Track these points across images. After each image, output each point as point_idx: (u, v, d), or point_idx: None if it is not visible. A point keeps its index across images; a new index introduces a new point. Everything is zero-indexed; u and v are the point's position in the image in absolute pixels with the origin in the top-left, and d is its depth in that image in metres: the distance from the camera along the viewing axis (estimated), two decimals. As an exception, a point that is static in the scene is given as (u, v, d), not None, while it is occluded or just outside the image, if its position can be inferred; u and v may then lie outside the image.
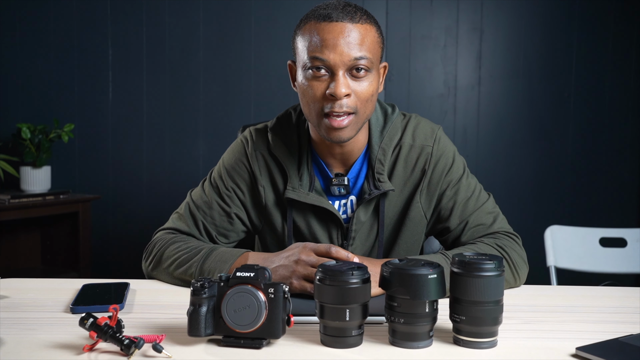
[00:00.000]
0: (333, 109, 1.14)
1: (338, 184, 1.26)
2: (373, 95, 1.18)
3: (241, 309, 0.84)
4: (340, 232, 1.28)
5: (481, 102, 3.09)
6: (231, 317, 0.84)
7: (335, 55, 1.12)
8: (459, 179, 1.29)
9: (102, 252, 3.04)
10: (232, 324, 0.84)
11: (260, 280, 0.84)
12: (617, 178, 3.13)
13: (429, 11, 3.06)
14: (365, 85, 1.15)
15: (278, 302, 0.84)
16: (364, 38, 1.14)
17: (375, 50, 1.16)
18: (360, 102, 1.16)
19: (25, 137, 2.79)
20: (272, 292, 0.84)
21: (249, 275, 0.84)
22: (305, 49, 1.16)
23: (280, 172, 1.29)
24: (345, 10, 1.14)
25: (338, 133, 1.17)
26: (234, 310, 0.84)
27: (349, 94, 1.14)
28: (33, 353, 0.82)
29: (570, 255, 2.11)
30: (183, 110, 3.08)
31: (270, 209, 1.30)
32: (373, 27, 1.17)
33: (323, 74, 1.14)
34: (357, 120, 1.17)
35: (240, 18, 3.06)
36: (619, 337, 0.88)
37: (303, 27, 1.18)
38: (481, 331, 0.85)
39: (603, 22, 3.07)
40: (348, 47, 1.12)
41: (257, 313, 0.83)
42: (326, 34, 1.13)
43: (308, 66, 1.15)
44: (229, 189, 1.30)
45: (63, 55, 3.05)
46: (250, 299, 0.83)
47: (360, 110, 1.17)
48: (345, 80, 1.13)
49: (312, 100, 1.16)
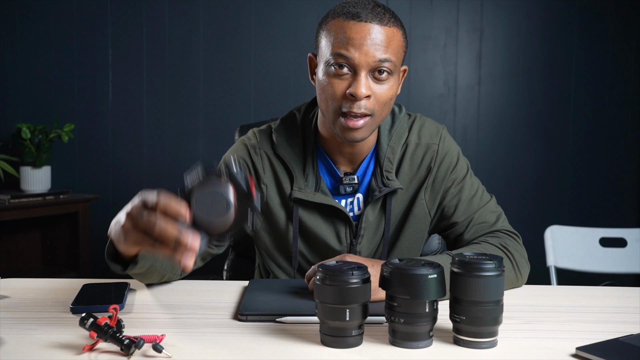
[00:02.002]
0: (351, 109, 1.14)
1: (348, 183, 1.26)
2: (392, 98, 1.18)
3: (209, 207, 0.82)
4: (349, 230, 1.28)
5: (481, 102, 3.09)
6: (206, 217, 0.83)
7: (361, 55, 1.11)
8: (463, 177, 1.30)
9: (102, 252, 3.02)
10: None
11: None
12: (617, 178, 3.13)
13: (429, 11, 3.06)
14: (385, 88, 1.15)
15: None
16: (390, 41, 1.13)
17: (399, 53, 1.16)
18: (379, 104, 1.16)
19: (25, 137, 2.79)
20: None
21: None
22: (330, 44, 1.14)
23: (286, 172, 1.28)
24: (375, 11, 1.13)
25: (352, 133, 1.16)
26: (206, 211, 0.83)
27: (369, 96, 1.14)
28: (33, 353, 0.82)
29: (570, 255, 2.11)
30: (183, 110, 3.09)
31: (273, 208, 1.29)
32: (400, 31, 1.16)
33: (345, 72, 1.13)
34: (373, 122, 1.17)
35: (240, 18, 3.06)
36: (619, 337, 0.88)
37: (330, 22, 1.16)
38: (481, 331, 0.85)
39: (603, 22, 3.07)
40: (374, 47, 1.12)
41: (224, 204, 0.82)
42: (354, 32, 1.12)
43: (331, 62, 1.14)
44: None
45: (63, 55, 3.05)
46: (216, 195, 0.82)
47: (377, 113, 1.17)
48: (367, 81, 1.13)
49: (331, 98, 1.16)
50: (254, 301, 1.03)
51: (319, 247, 1.30)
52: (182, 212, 0.82)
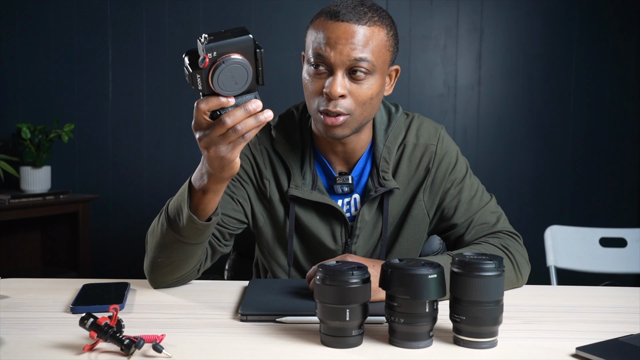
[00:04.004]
0: (327, 107, 1.14)
1: (342, 183, 1.26)
2: (372, 98, 1.17)
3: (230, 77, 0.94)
4: (345, 230, 1.28)
5: (481, 102, 3.09)
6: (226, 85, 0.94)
7: (336, 54, 1.12)
8: (463, 178, 1.29)
9: (102, 252, 3.04)
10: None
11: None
12: (617, 178, 3.13)
13: (429, 11, 3.06)
14: (363, 87, 1.15)
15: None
16: (368, 40, 1.13)
17: (380, 53, 1.15)
18: (357, 104, 1.15)
19: (25, 137, 2.79)
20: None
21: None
22: (311, 43, 1.16)
23: (283, 169, 1.29)
24: (356, 10, 1.13)
25: (332, 130, 1.17)
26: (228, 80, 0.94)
27: (344, 95, 1.14)
28: (33, 353, 0.82)
29: (570, 255, 2.11)
30: (183, 110, 3.08)
31: (275, 203, 1.30)
32: (383, 30, 1.15)
33: (323, 70, 1.15)
34: (353, 121, 1.17)
35: (240, 18, 3.06)
36: (619, 337, 0.88)
37: (315, 21, 1.18)
38: (481, 331, 0.85)
39: (603, 22, 3.07)
40: (350, 47, 1.12)
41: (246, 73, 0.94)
42: (330, 32, 1.13)
43: (311, 61, 1.16)
44: (234, 179, 1.29)
45: (63, 55, 3.05)
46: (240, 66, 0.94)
47: (356, 112, 1.16)
48: (342, 80, 1.13)
49: (310, 95, 1.18)
50: (254, 301, 1.03)
51: (314, 245, 1.30)
52: (222, 102, 0.97)
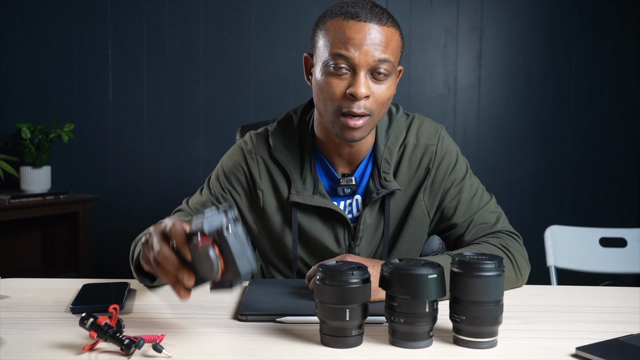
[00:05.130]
0: (351, 109, 1.13)
1: (346, 185, 1.26)
2: (389, 98, 1.18)
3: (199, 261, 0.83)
4: (348, 232, 1.28)
5: (481, 102, 3.09)
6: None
7: (360, 54, 1.11)
8: (462, 178, 1.29)
9: (102, 252, 3.04)
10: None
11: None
12: (617, 178, 3.13)
13: (429, 11, 3.06)
14: (383, 88, 1.15)
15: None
16: (389, 41, 1.13)
17: (397, 54, 1.17)
18: (377, 104, 1.16)
19: (25, 137, 2.79)
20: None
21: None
22: (329, 44, 1.14)
23: (283, 176, 1.28)
24: (373, 11, 1.14)
25: (352, 133, 1.16)
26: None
27: (368, 96, 1.14)
28: (33, 353, 0.82)
29: (570, 255, 2.11)
30: (183, 110, 3.09)
31: (269, 213, 1.29)
32: (397, 31, 1.16)
33: (344, 72, 1.13)
34: (372, 122, 1.17)
35: (240, 18, 3.06)
36: (619, 337, 0.88)
37: (328, 22, 1.16)
38: (481, 331, 0.85)
39: (603, 22, 3.07)
40: (373, 47, 1.12)
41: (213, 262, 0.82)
42: (353, 32, 1.12)
43: (330, 62, 1.14)
44: (225, 191, 1.30)
45: (63, 55, 3.06)
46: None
47: (376, 113, 1.16)
48: (366, 81, 1.13)
49: (329, 98, 1.15)
50: (254, 301, 1.03)
51: (318, 250, 1.29)
52: (184, 250, 0.85)
